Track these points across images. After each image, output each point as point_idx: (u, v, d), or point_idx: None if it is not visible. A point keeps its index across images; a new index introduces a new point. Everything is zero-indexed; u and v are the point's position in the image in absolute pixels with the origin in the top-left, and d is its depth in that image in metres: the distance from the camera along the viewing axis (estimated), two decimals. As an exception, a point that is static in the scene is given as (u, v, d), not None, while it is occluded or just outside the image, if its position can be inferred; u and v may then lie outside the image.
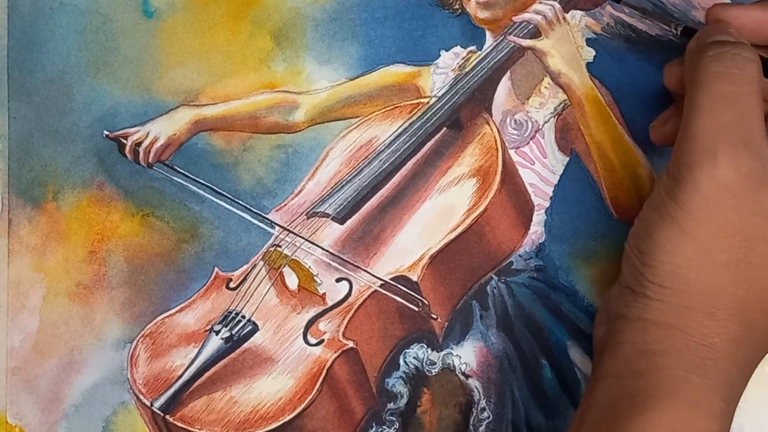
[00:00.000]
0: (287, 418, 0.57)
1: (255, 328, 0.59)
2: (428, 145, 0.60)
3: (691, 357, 0.47)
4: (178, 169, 0.61)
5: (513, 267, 0.60)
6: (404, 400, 0.59)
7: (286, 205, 0.61)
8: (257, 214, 0.61)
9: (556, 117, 0.61)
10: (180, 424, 0.58)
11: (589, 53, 0.60)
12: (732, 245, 0.47)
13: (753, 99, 0.48)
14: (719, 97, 0.48)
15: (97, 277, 0.61)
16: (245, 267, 0.61)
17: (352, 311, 0.59)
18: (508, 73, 0.61)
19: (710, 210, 0.47)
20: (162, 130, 0.61)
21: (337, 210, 0.60)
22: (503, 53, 0.60)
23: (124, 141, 0.61)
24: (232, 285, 0.60)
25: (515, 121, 0.61)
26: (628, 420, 0.47)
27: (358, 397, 0.59)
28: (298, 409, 0.58)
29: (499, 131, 0.60)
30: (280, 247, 0.60)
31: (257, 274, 0.60)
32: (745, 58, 0.49)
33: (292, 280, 0.60)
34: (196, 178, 0.61)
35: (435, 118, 0.60)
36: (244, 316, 0.60)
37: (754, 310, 0.48)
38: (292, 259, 0.60)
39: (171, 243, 0.61)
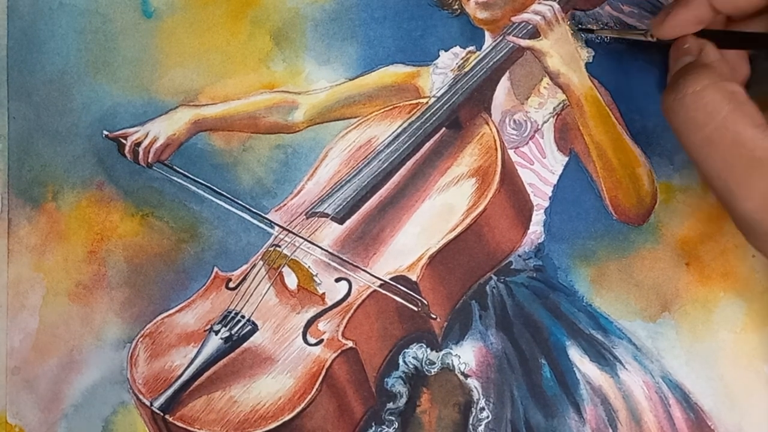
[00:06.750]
0: (287, 418, 0.57)
1: (254, 328, 0.59)
2: (427, 145, 0.60)
3: None
4: (178, 169, 0.61)
5: (512, 267, 0.60)
6: (403, 400, 0.59)
7: (285, 205, 0.61)
8: (257, 214, 0.61)
9: (555, 117, 0.61)
10: (180, 424, 0.58)
11: (588, 53, 0.60)
12: None
13: (729, 121, 0.48)
14: (700, 145, 0.49)
15: (96, 277, 0.61)
16: (245, 267, 0.61)
17: (352, 311, 0.59)
18: (507, 74, 0.61)
19: None
20: (161, 130, 0.61)
21: (337, 210, 0.60)
22: (502, 53, 0.61)
23: (124, 141, 0.61)
24: (231, 285, 0.60)
25: (514, 121, 0.61)
26: None
27: (358, 397, 0.59)
28: (298, 409, 0.57)
29: (498, 131, 0.60)
30: (280, 247, 0.60)
31: (257, 274, 0.60)
32: (697, 94, 0.49)
33: (291, 280, 0.60)
34: (196, 178, 0.61)
35: (434, 118, 0.60)
36: (243, 316, 0.60)
37: None
38: (292, 259, 0.60)
39: (171, 243, 0.61)
